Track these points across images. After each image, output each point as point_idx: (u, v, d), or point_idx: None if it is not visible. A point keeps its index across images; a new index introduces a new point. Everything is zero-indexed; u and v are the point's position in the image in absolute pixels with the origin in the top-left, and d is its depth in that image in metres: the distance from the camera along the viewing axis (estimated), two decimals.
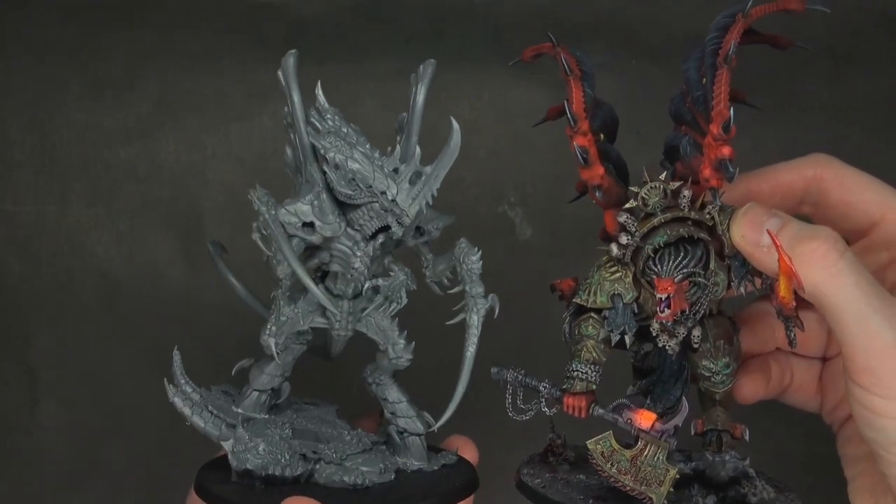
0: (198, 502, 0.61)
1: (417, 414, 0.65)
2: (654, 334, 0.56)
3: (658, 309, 0.54)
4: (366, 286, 0.62)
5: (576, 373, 0.58)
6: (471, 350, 0.63)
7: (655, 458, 0.56)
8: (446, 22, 0.95)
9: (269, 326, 0.62)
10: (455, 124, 0.58)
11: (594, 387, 0.58)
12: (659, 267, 0.54)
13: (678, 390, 0.59)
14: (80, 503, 0.91)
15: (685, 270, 0.54)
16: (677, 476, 0.56)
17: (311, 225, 0.60)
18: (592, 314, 0.57)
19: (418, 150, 0.58)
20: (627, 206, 0.56)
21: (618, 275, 0.56)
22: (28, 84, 0.93)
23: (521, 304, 0.90)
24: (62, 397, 0.92)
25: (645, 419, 0.57)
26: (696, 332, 0.56)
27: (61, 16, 0.94)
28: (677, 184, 0.55)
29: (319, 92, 0.59)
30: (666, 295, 0.53)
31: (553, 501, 0.57)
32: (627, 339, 0.57)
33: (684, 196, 0.55)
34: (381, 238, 0.60)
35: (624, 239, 0.55)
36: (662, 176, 0.56)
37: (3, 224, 0.93)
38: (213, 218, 0.93)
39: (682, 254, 0.54)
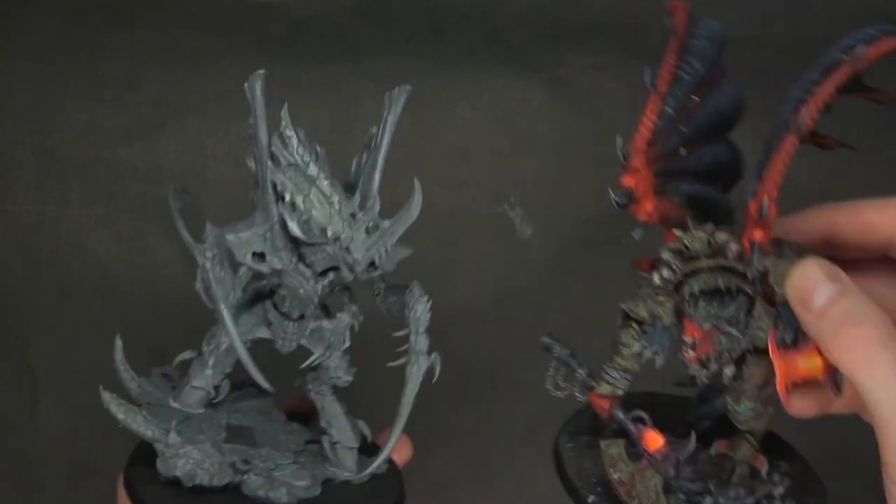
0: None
1: (352, 426, 0.62)
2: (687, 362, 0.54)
3: (684, 348, 0.52)
4: (309, 328, 0.59)
5: (607, 377, 0.57)
6: (405, 409, 0.58)
7: (651, 482, 0.55)
8: (446, 22, 0.95)
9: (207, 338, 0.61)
10: (417, 183, 0.55)
11: (621, 393, 0.57)
12: (692, 311, 0.53)
13: (720, 403, 0.57)
14: (80, 503, 0.91)
15: (715, 322, 0.52)
16: None
17: (261, 255, 0.57)
18: (633, 324, 0.56)
19: (378, 202, 0.56)
20: (673, 245, 0.53)
21: (661, 299, 0.55)
22: (28, 84, 0.93)
23: (520, 304, 0.91)
24: (62, 397, 0.92)
25: (651, 441, 0.56)
26: (728, 371, 0.54)
27: (61, 16, 0.94)
28: (724, 237, 0.52)
29: (285, 113, 0.55)
30: (692, 340, 0.52)
31: (566, 478, 0.57)
32: (658, 360, 0.55)
33: (731, 250, 0.52)
34: (331, 275, 0.57)
35: (666, 273, 0.54)
36: (708, 226, 0.53)
37: (3, 224, 0.93)
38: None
39: (715, 304, 0.53)
